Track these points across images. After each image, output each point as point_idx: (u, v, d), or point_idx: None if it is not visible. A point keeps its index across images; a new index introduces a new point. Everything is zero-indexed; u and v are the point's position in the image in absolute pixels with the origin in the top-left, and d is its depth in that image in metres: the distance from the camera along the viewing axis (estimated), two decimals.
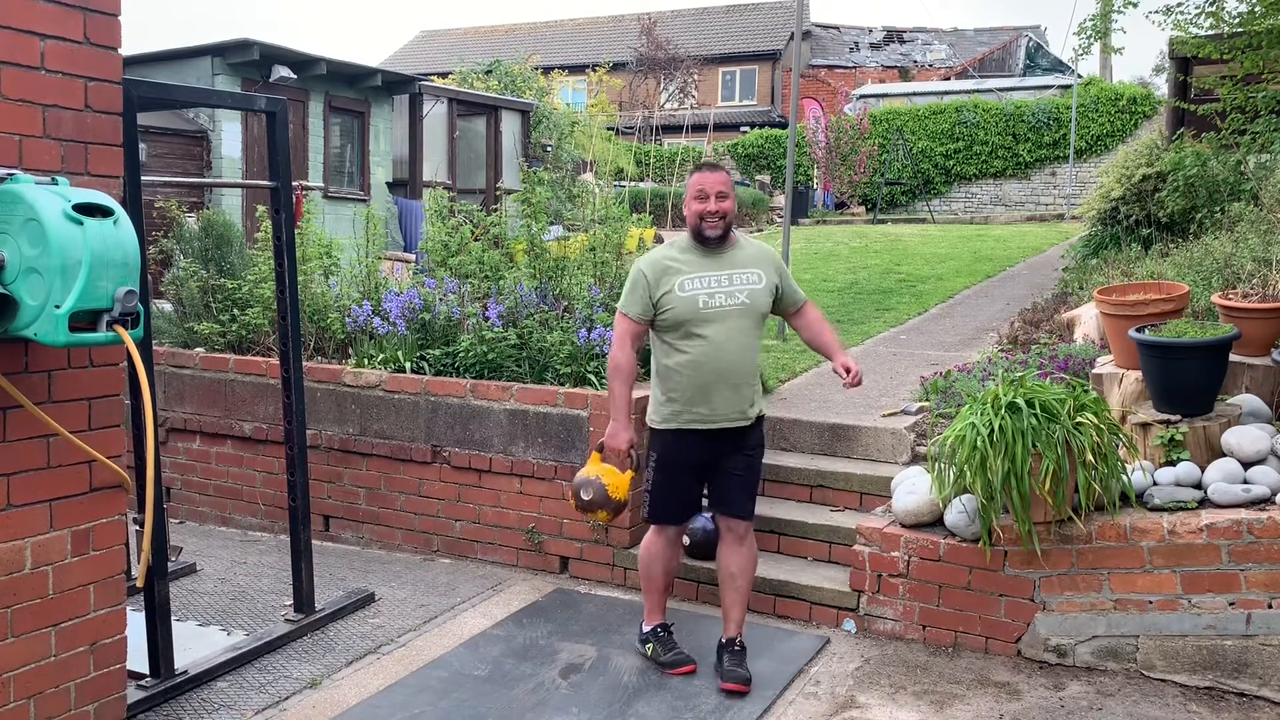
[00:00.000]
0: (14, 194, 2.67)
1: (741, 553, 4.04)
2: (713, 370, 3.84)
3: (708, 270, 3.87)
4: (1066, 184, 21.00)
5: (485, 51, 25.99)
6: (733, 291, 3.85)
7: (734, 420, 3.91)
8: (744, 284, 3.89)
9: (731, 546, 4.05)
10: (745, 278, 3.90)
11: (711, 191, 3.85)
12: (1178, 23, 8.82)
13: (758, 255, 4.00)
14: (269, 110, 4.34)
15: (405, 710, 3.79)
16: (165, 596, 3.87)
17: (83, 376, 3.10)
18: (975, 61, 30.18)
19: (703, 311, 3.83)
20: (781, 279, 4.04)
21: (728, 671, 3.96)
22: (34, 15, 2.90)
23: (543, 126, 18.13)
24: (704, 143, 26.25)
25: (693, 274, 3.86)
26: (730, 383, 3.86)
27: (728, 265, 3.90)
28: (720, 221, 3.86)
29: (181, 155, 12.15)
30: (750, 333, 3.91)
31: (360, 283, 6.60)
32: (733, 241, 3.97)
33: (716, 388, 3.85)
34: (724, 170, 3.98)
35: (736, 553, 4.04)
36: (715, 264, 3.89)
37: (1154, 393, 4.47)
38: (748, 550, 4.06)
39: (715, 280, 3.86)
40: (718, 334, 3.83)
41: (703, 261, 3.89)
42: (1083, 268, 8.64)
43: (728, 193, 3.87)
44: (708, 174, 3.91)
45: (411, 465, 5.51)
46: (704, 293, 3.84)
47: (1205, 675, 3.92)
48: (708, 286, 3.85)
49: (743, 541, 4.05)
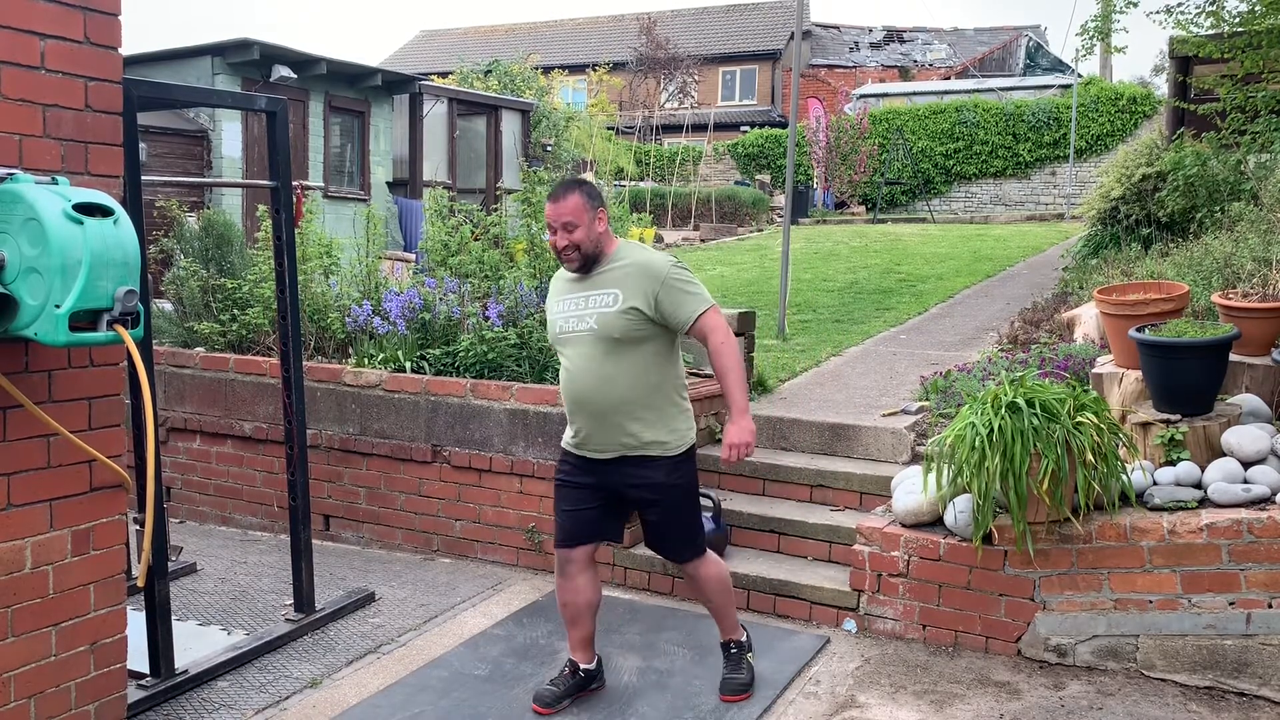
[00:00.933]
0: (14, 194, 2.67)
1: (698, 588, 3.83)
2: (571, 399, 3.62)
3: (570, 292, 3.62)
4: (1066, 184, 21.01)
5: (485, 51, 26.01)
6: (583, 315, 3.55)
7: (604, 451, 3.60)
8: (595, 306, 3.53)
9: (687, 584, 3.96)
10: (599, 300, 3.54)
11: (558, 224, 3.51)
12: (1178, 22, 8.83)
13: (626, 273, 3.53)
14: (269, 110, 4.34)
15: (405, 710, 3.79)
16: (165, 596, 3.87)
17: (83, 376, 3.10)
18: (975, 61, 30.20)
19: (559, 336, 3.63)
20: (658, 298, 3.49)
21: (723, 683, 3.91)
22: (34, 15, 2.90)
23: (543, 126, 18.14)
24: (704, 142, 26.26)
25: (559, 296, 3.66)
26: (588, 411, 3.56)
27: (589, 286, 3.58)
28: (575, 253, 3.52)
29: (182, 155, 12.16)
30: (606, 360, 3.51)
31: (360, 282, 6.61)
32: (607, 259, 3.58)
33: (577, 415, 3.62)
34: (576, 194, 3.52)
35: (695, 589, 3.89)
36: (578, 285, 3.61)
37: (1154, 392, 4.47)
38: (704, 584, 3.79)
39: (573, 303, 3.59)
40: (572, 361, 3.59)
41: (570, 284, 3.64)
42: (1083, 267, 8.64)
43: (576, 222, 3.48)
44: (552, 204, 3.53)
45: (412, 465, 5.51)
46: (560, 316, 3.62)
47: (1205, 675, 3.92)
48: (564, 310, 3.61)
49: (695, 579, 3.80)
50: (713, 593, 3.82)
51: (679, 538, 3.73)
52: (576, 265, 3.56)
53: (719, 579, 3.82)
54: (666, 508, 3.67)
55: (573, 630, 3.85)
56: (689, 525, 3.73)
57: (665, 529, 3.72)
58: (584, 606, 3.79)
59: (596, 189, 3.60)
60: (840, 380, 6.55)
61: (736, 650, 3.96)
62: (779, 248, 9.67)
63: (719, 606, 3.87)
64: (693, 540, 3.75)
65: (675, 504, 3.67)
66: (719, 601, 3.85)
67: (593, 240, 3.54)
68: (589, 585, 3.77)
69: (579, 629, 3.84)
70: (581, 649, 3.87)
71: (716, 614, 3.91)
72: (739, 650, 3.96)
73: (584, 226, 3.51)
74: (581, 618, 3.81)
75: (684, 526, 3.72)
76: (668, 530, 3.72)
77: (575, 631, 3.85)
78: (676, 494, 3.66)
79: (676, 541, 3.74)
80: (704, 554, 3.78)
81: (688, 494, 3.71)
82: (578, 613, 3.80)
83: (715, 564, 3.83)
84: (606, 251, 3.59)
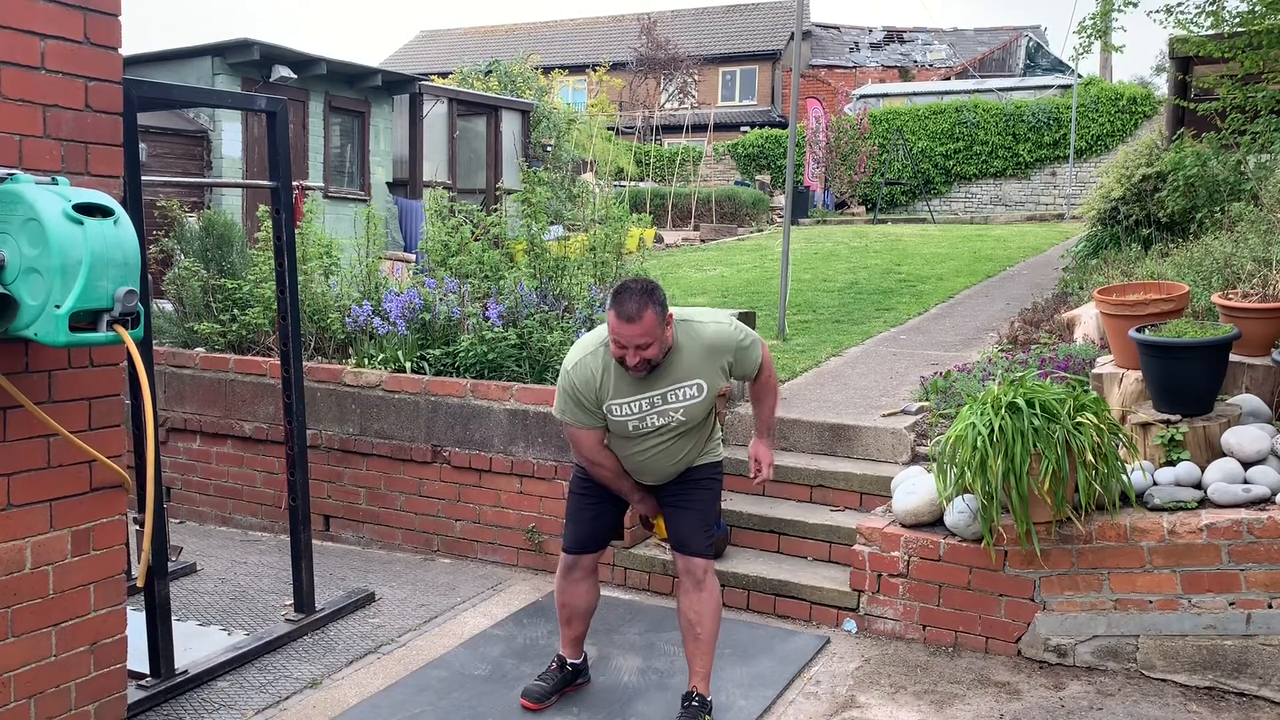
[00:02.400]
0: (14, 194, 2.67)
1: (700, 598, 3.56)
2: (637, 472, 3.64)
3: (639, 392, 3.44)
4: (1066, 184, 21.00)
5: (485, 51, 26.00)
6: (665, 411, 3.44)
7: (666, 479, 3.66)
8: (680, 400, 3.45)
9: (688, 592, 3.60)
10: (681, 393, 3.45)
11: (630, 344, 3.29)
12: (1178, 21, 8.82)
13: (700, 360, 3.44)
14: (269, 110, 4.34)
15: (405, 710, 3.79)
16: (165, 596, 3.87)
17: (83, 376, 3.10)
18: (975, 61, 30.19)
19: (634, 432, 3.50)
20: (732, 366, 3.51)
21: None
22: (34, 15, 2.90)
23: (543, 126, 18.13)
24: (704, 142, 26.26)
25: (623, 397, 3.44)
26: (655, 475, 3.63)
27: (660, 382, 3.43)
28: (646, 366, 3.36)
29: (182, 155, 12.15)
30: (683, 438, 3.55)
31: (360, 283, 6.61)
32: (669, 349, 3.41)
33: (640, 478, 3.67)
34: (649, 310, 3.26)
35: (694, 599, 3.57)
36: (646, 384, 3.43)
37: (1154, 393, 4.47)
38: (708, 595, 3.57)
39: (647, 402, 3.44)
40: (645, 444, 3.53)
41: (634, 383, 3.43)
42: (1083, 268, 8.64)
43: (650, 341, 3.28)
44: (624, 325, 3.26)
45: (412, 465, 5.51)
46: (634, 419, 3.46)
47: (1205, 675, 3.92)
48: (637, 411, 3.45)
49: (701, 586, 3.57)
50: (710, 613, 3.59)
51: (703, 529, 3.64)
52: (644, 373, 3.40)
53: (719, 602, 3.65)
54: (706, 496, 3.69)
55: (566, 629, 3.89)
56: (712, 522, 3.75)
57: (703, 518, 3.65)
58: (583, 610, 3.85)
59: (662, 293, 3.36)
60: (840, 380, 6.55)
61: (698, 705, 3.61)
62: (779, 248, 9.67)
63: (707, 635, 3.60)
64: (711, 537, 3.70)
65: (711, 495, 3.72)
66: (710, 628, 3.60)
67: (663, 349, 3.37)
68: (591, 590, 3.84)
69: (573, 628, 3.88)
70: (571, 646, 3.92)
71: (701, 646, 3.60)
72: (700, 707, 3.61)
73: (657, 342, 3.32)
74: (577, 619, 3.86)
75: (709, 521, 3.71)
76: (696, 517, 3.62)
77: (569, 630, 3.89)
78: (713, 487, 3.73)
79: (700, 532, 3.62)
80: (713, 562, 3.70)
81: (718, 495, 3.79)
82: (575, 614, 3.85)
83: (719, 590, 3.68)
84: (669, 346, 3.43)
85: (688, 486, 3.66)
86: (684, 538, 3.62)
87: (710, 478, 3.71)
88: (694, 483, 3.66)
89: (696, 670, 3.64)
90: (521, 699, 3.81)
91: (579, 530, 3.75)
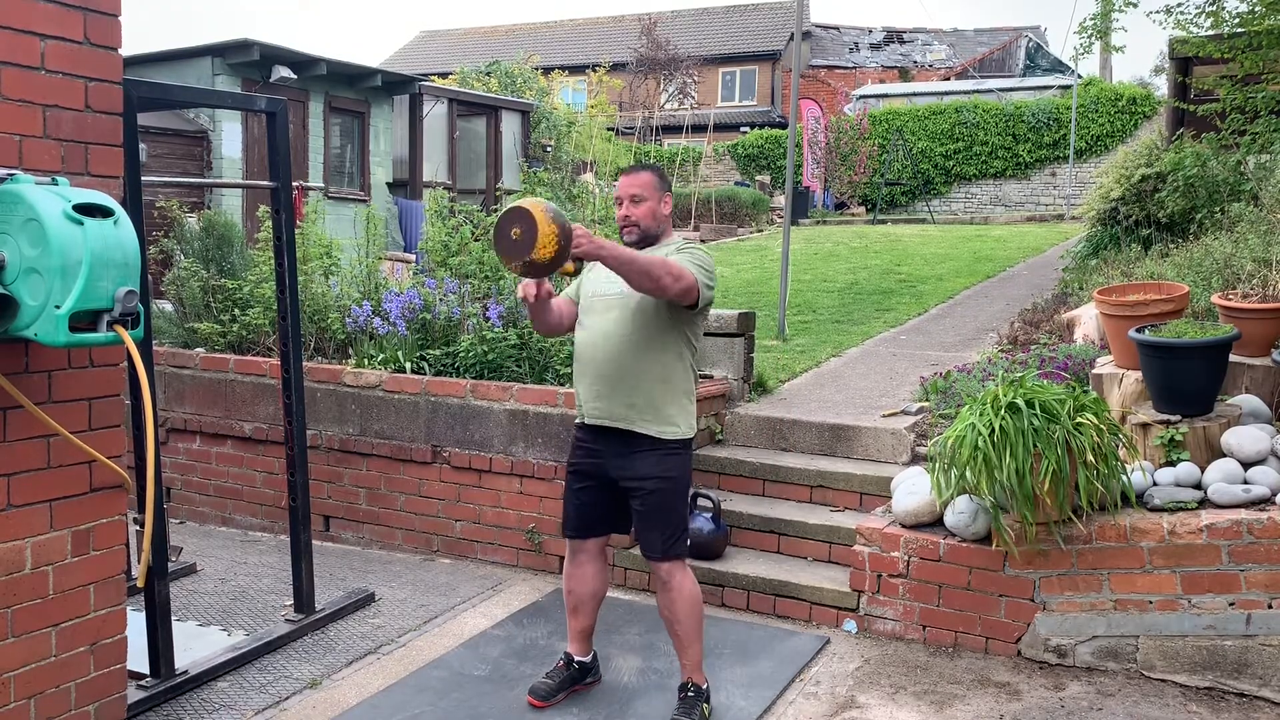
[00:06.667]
0: (14, 194, 2.67)
1: (669, 598, 3.59)
2: (586, 358, 3.62)
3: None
4: (1066, 184, 21.01)
5: (485, 52, 26.03)
6: (614, 279, 3.45)
7: (606, 418, 3.57)
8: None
9: (659, 593, 3.65)
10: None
11: (625, 195, 3.58)
12: (1178, 22, 8.83)
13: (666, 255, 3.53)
14: (269, 110, 4.34)
15: (405, 710, 3.79)
16: (165, 596, 3.87)
17: (83, 376, 3.10)
18: (975, 62, 30.20)
19: (590, 300, 3.64)
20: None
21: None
22: (34, 15, 2.90)
23: (543, 127, 18.14)
24: (704, 143, 26.25)
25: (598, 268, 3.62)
26: (601, 372, 3.55)
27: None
28: (635, 229, 3.57)
29: (182, 155, 12.16)
30: (630, 324, 3.50)
31: (360, 283, 6.61)
32: (658, 246, 3.59)
33: (587, 371, 3.61)
34: (649, 171, 3.63)
35: (663, 598, 3.62)
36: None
37: (1154, 393, 4.47)
38: (676, 594, 3.58)
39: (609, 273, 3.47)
40: (595, 324, 3.60)
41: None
42: (1082, 268, 8.65)
43: (643, 195, 3.55)
44: (625, 176, 3.64)
45: (411, 465, 5.51)
46: (592, 280, 3.66)
47: (1205, 675, 3.92)
48: (598, 275, 3.62)
49: (667, 586, 3.58)
50: (683, 611, 3.58)
51: (659, 531, 3.56)
52: (633, 238, 3.58)
53: (693, 598, 3.61)
54: (653, 496, 3.54)
55: (573, 619, 3.86)
56: (672, 523, 3.58)
57: (647, 518, 3.57)
58: (589, 595, 3.81)
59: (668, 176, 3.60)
60: (840, 381, 6.55)
61: (694, 695, 3.65)
62: (779, 248, 9.67)
63: (686, 631, 3.60)
64: (673, 538, 3.58)
65: (661, 496, 3.54)
66: (687, 625, 3.60)
67: (654, 219, 3.59)
68: (597, 575, 3.81)
69: (579, 619, 3.85)
70: (579, 640, 3.89)
71: (682, 642, 3.63)
72: (696, 696, 3.65)
73: (650, 202, 3.57)
74: (584, 606, 3.83)
75: (666, 522, 3.56)
76: (649, 520, 3.57)
77: (575, 621, 3.86)
78: (665, 485, 3.55)
79: (655, 534, 3.56)
80: (682, 560, 3.61)
81: (677, 491, 3.59)
82: (581, 601, 3.81)
83: (693, 581, 3.64)
84: (661, 238, 3.63)
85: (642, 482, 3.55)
86: (642, 543, 3.65)
87: (663, 475, 3.55)
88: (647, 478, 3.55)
89: (685, 663, 3.69)
90: (528, 696, 3.81)
91: (572, 512, 3.78)
